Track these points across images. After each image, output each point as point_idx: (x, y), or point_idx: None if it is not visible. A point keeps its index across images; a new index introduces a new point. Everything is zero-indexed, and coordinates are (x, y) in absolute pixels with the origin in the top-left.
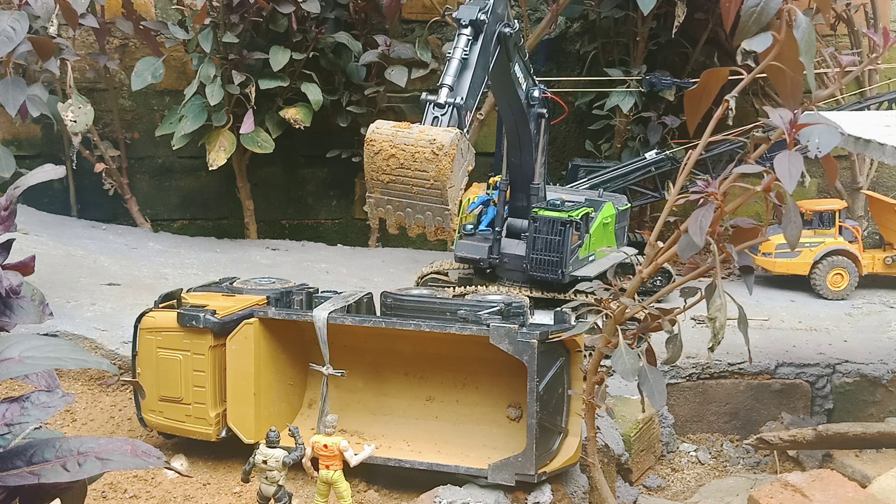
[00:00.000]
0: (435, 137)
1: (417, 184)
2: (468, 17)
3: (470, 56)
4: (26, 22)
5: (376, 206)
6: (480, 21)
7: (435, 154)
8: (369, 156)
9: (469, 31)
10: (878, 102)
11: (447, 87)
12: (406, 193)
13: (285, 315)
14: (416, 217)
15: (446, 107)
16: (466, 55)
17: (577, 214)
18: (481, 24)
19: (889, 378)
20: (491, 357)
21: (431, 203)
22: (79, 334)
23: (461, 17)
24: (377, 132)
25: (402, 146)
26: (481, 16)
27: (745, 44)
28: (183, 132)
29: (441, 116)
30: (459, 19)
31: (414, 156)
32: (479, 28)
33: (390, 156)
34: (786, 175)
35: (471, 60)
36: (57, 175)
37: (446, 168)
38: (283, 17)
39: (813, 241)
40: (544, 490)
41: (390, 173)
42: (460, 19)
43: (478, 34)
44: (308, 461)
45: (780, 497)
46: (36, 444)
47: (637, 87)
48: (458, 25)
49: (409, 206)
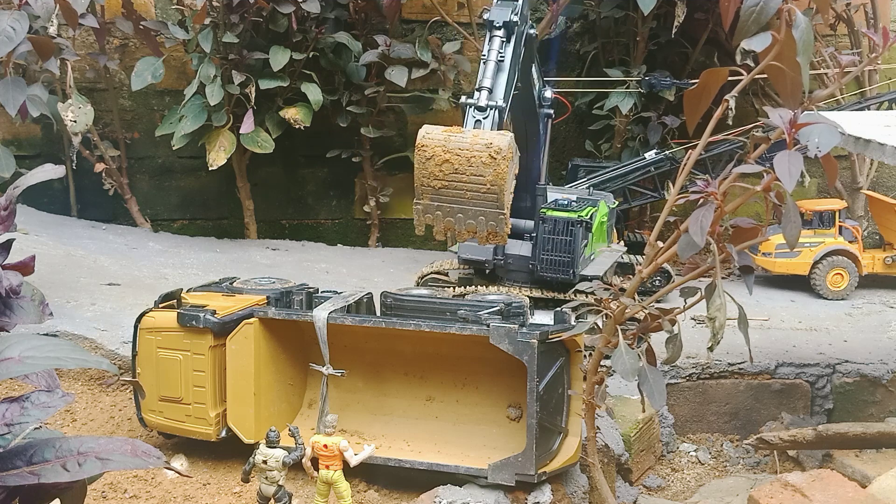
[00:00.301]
0: (491, 141)
1: (472, 189)
2: (501, 19)
3: (505, 57)
4: (26, 22)
5: (424, 212)
6: (513, 22)
7: (493, 158)
8: (420, 161)
9: (502, 33)
10: (879, 102)
11: (486, 90)
12: (459, 199)
13: (285, 315)
14: (467, 222)
15: (487, 110)
16: (502, 57)
17: (585, 214)
18: (514, 25)
19: (889, 378)
20: (491, 357)
21: (486, 208)
22: (79, 334)
23: (494, 19)
24: (429, 137)
25: (456, 150)
26: (514, 17)
27: (744, 43)
28: (183, 132)
29: (483, 120)
30: (492, 21)
31: (469, 160)
32: (512, 30)
33: (444, 161)
34: (785, 175)
35: (506, 62)
36: (57, 175)
37: (504, 172)
38: (283, 17)
39: (813, 241)
40: (544, 490)
41: (443, 179)
42: (493, 21)
43: (510, 35)
44: (308, 461)
45: (780, 497)
46: (36, 444)
47: (637, 87)
48: (489, 27)
49: (460, 212)
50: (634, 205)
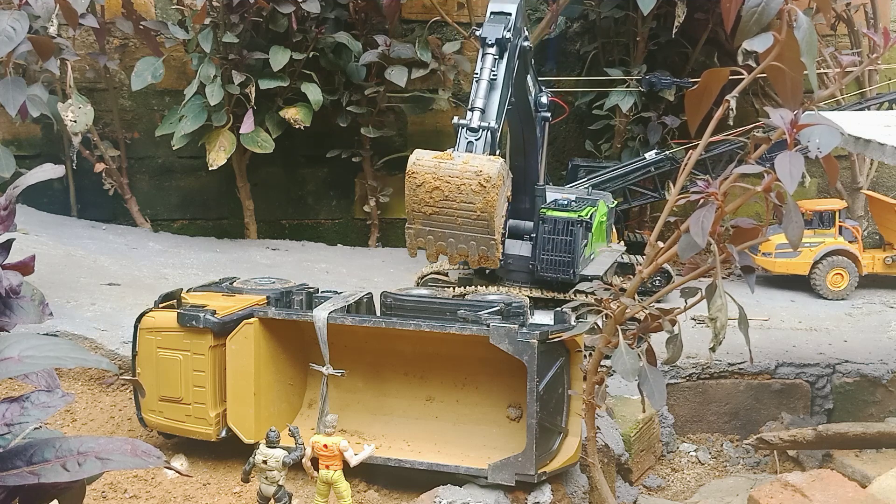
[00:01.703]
0: (481, 169)
1: (463, 215)
2: (494, 36)
3: (498, 76)
4: (26, 22)
5: (416, 236)
6: (506, 39)
7: (482, 186)
8: (411, 188)
9: (495, 51)
10: (879, 103)
11: (478, 111)
12: (450, 224)
13: (285, 315)
14: (459, 247)
15: (480, 131)
16: (494, 76)
17: (585, 214)
18: (506, 42)
19: (889, 378)
20: (491, 357)
21: (476, 233)
22: (79, 334)
23: (487, 37)
24: (419, 164)
25: (446, 178)
26: (506, 34)
27: (745, 44)
28: (183, 132)
29: (476, 141)
30: (485, 38)
31: (459, 188)
32: (504, 46)
33: (434, 188)
34: (786, 175)
35: (499, 80)
36: (56, 174)
37: (494, 199)
38: (283, 17)
39: (813, 241)
40: (544, 490)
41: (433, 205)
42: (486, 38)
43: (503, 52)
44: (308, 461)
45: (780, 497)
46: (36, 444)
47: (637, 87)
48: (482, 45)
49: (451, 237)
50: (634, 205)
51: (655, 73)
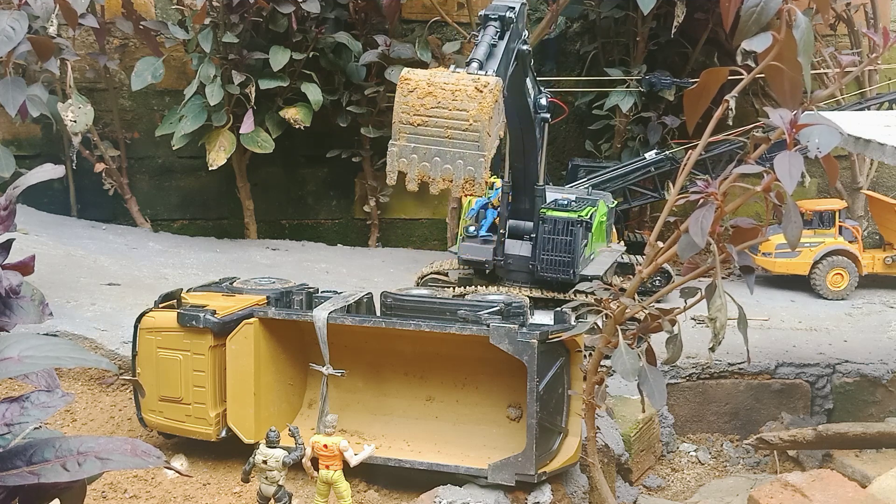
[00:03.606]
0: (479, 77)
1: (454, 125)
2: (497, 13)
3: (497, 46)
4: (26, 21)
5: (399, 155)
6: (509, 18)
7: (478, 91)
8: (402, 94)
9: (497, 24)
10: (879, 103)
11: (477, 62)
12: (438, 138)
13: (285, 315)
14: (443, 168)
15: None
16: (494, 43)
17: (585, 214)
18: (509, 21)
19: (889, 378)
20: (491, 357)
21: (465, 149)
22: (79, 334)
23: (490, 13)
24: (413, 72)
25: (441, 84)
26: (509, 14)
27: (744, 44)
28: (183, 132)
29: None
30: (488, 14)
31: (454, 93)
32: (507, 25)
33: (427, 94)
34: (786, 175)
35: (498, 49)
36: (56, 174)
37: (489, 106)
38: (283, 17)
39: (813, 241)
40: (544, 490)
41: (423, 114)
42: (489, 14)
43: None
44: (308, 461)
45: (780, 497)
46: (36, 444)
47: (637, 87)
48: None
49: (437, 155)
50: (634, 205)
51: (655, 73)
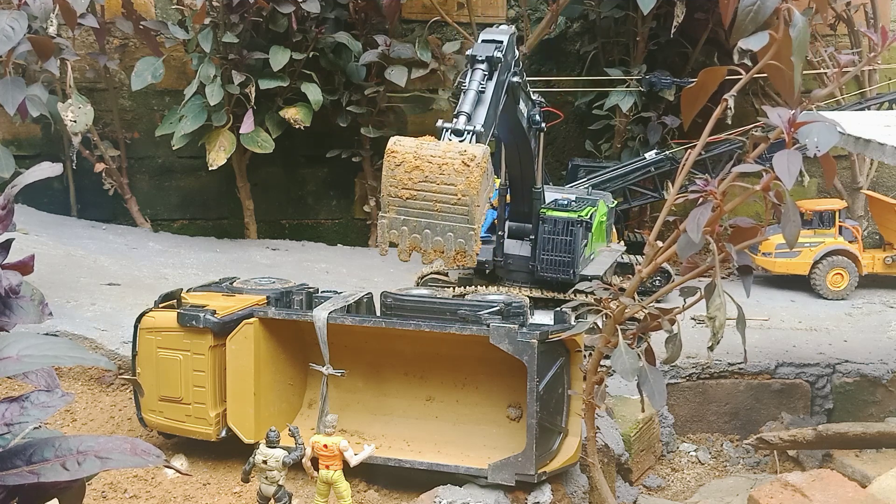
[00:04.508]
0: (465, 149)
1: (442, 199)
2: (484, 54)
3: (486, 90)
4: (25, 21)
5: (390, 227)
6: (496, 59)
7: (466, 165)
8: (389, 168)
9: (485, 67)
10: (879, 103)
11: (464, 115)
12: (427, 211)
13: (285, 315)
14: (434, 240)
15: (465, 133)
16: (483, 89)
17: (585, 214)
18: (497, 61)
19: (889, 378)
20: (491, 357)
21: (455, 222)
22: (79, 334)
23: (477, 54)
24: (399, 144)
25: (428, 157)
26: (497, 53)
27: (741, 43)
28: (183, 132)
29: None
30: (475, 56)
31: (441, 167)
32: (495, 65)
33: (414, 167)
34: (784, 173)
35: (486, 94)
36: (54, 173)
37: (476, 181)
38: (283, 17)
39: (813, 241)
40: (544, 490)
41: (412, 188)
42: (476, 55)
43: (493, 71)
44: (308, 461)
45: (780, 497)
46: (35, 444)
47: (637, 86)
48: (472, 62)
49: (427, 227)
50: (634, 205)
51: (655, 73)
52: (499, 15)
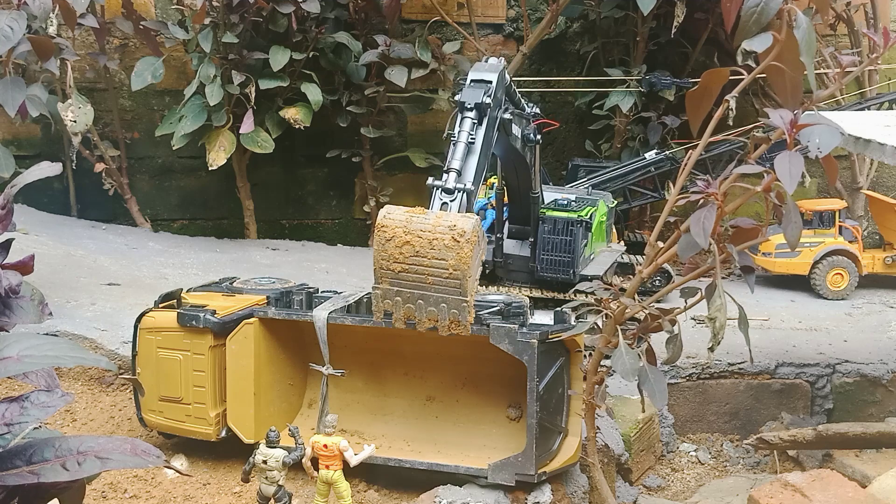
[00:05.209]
0: (455, 223)
1: (434, 273)
2: (473, 101)
3: (476, 140)
4: (24, 21)
5: (383, 297)
6: (485, 105)
7: (456, 241)
8: (380, 243)
9: (474, 115)
10: (879, 103)
11: (455, 172)
12: (419, 284)
13: (285, 315)
14: (428, 310)
15: (455, 192)
16: (472, 139)
17: (585, 214)
18: (486, 107)
19: (889, 378)
20: (491, 357)
21: (448, 294)
22: (79, 334)
23: (465, 101)
24: (389, 218)
25: (417, 232)
26: (486, 99)
27: (745, 44)
28: (183, 132)
29: (451, 202)
30: (463, 103)
31: (432, 242)
32: (484, 112)
33: (404, 242)
34: (786, 175)
35: (476, 144)
36: (53, 172)
37: (467, 256)
38: (283, 17)
39: (813, 241)
40: (544, 490)
41: (403, 262)
42: (464, 103)
43: (482, 118)
44: (308, 461)
45: (780, 497)
46: (35, 444)
47: (637, 87)
48: (461, 109)
49: (420, 298)
50: (634, 205)
51: (655, 73)
52: (499, 15)
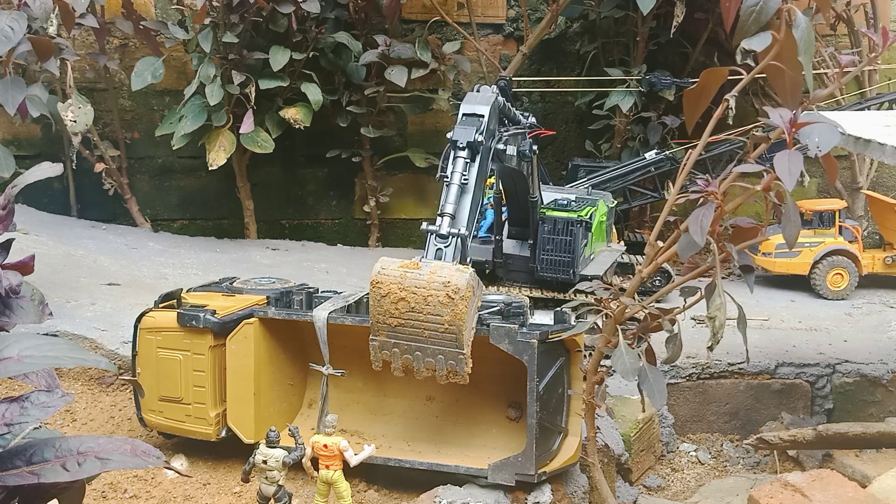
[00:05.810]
0: (449, 279)
1: (430, 328)
2: (465, 140)
3: (469, 180)
4: (24, 21)
5: (381, 348)
6: (478, 143)
7: (450, 298)
8: (376, 299)
9: (466, 154)
10: (879, 103)
11: (448, 217)
12: (416, 337)
13: (285, 315)
14: (426, 361)
15: (449, 238)
16: (466, 180)
17: (585, 214)
18: (478, 145)
19: (889, 378)
20: (491, 357)
21: (444, 347)
22: (79, 334)
23: (458, 139)
24: (383, 273)
25: (412, 289)
26: (478, 137)
27: (744, 43)
28: (183, 132)
29: (445, 248)
30: (456, 141)
31: (426, 299)
32: (476, 150)
33: (399, 299)
34: (785, 174)
35: (470, 184)
36: (54, 172)
37: (462, 312)
38: (283, 16)
39: (813, 241)
40: (544, 490)
41: (399, 317)
42: (457, 141)
43: (475, 156)
44: (308, 461)
45: (780, 497)
46: (35, 444)
47: (637, 87)
48: (453, 147)
49: (418, 350)
50: (634, 205)
51: (655, 73)
52: (499, 15)
